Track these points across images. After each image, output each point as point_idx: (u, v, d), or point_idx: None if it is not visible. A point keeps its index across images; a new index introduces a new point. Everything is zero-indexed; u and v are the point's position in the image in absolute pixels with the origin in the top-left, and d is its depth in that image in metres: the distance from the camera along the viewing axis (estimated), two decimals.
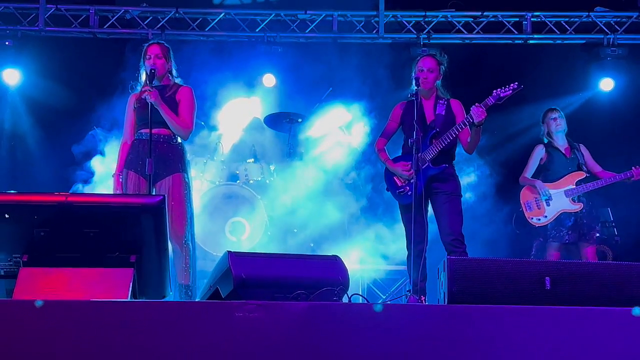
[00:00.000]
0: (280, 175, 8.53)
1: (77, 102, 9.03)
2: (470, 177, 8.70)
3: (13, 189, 8.20)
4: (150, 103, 5.77)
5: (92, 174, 8.30)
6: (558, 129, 7.40)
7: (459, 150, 6.33)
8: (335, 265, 4.18)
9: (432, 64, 6.18)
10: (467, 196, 6.78)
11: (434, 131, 6.11)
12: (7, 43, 9.18)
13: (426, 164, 6.07)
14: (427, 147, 6.09)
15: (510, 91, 5.91)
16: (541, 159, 7.46)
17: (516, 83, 5.90)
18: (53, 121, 9.35)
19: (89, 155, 8.46)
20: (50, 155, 9.30)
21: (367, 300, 4.07)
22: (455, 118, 6.15)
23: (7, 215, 3.95)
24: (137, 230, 4.11)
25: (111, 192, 6.17)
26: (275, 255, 4.70)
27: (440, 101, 6.23)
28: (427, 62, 6.19)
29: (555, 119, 7.43)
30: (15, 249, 4.06)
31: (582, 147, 7.46)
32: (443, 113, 6.19)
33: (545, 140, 7.48)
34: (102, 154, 8.39)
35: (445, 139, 6.03)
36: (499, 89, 5.93)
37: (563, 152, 7.41)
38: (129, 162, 6.00)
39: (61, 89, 9.35)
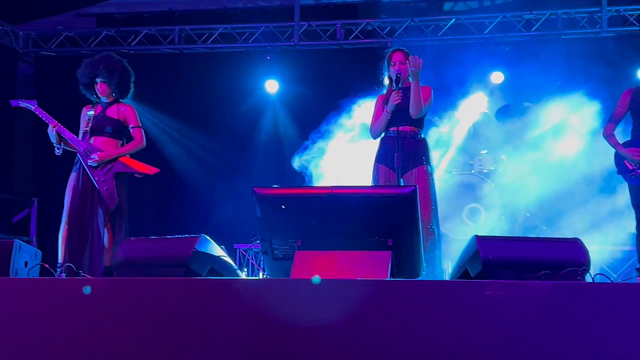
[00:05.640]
0: (511, 164, 8.30)
1: (326, 105, 9.21)
2: None
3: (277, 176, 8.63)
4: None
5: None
6: None
7: None
8: (576, 247, 4.00)
9: None
10: None
11: None
12: (268, 57, 9.64)
13: None
14: None
15: None
16: None
17: None
18: (307, 120, 9.61)
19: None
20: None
21: (610, 280, 3.87)
22: None
23: (283, 207, 4.14)
24: (393, 217, 4.15)
25: None
26: (519, 238, 4.58)
27: None
28: None
29: None
30: (290, 235, 4.21)
31: None
32: None
33: None
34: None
35: None
36: None
37: None
38: (379, 157, 6.07)
39: (312, 94, 9.63)
